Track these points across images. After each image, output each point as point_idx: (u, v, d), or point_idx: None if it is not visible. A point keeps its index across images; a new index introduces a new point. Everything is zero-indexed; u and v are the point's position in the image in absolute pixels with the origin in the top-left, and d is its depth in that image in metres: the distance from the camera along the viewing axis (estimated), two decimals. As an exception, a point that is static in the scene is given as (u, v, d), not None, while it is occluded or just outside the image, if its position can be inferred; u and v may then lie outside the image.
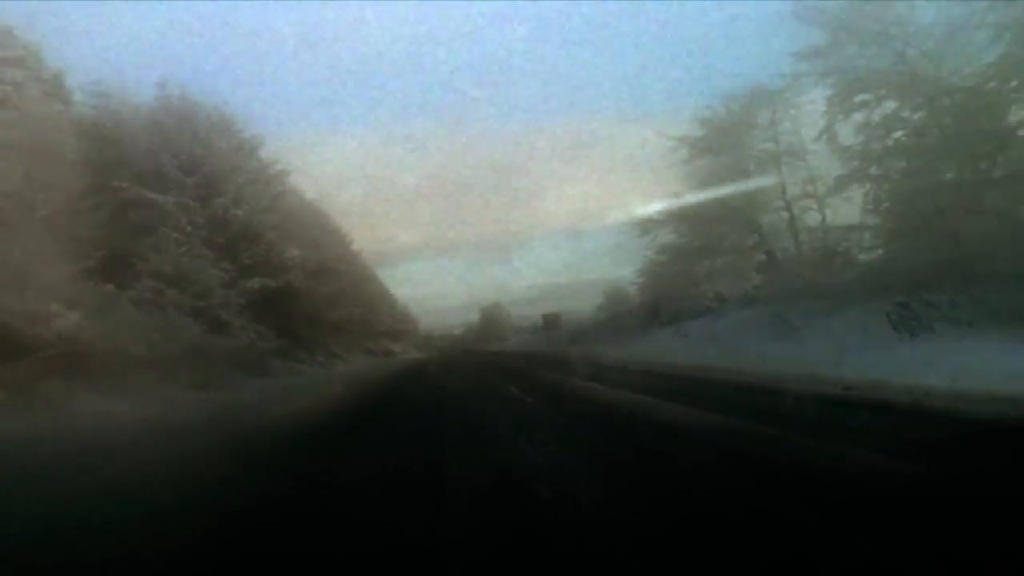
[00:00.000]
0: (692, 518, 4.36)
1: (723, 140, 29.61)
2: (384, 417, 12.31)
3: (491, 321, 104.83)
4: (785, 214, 29.42)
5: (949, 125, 15.66)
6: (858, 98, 19.62)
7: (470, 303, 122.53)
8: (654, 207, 31.70)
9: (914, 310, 12.25)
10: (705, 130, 29.92)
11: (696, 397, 10.33)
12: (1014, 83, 14.11)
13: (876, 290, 15.89)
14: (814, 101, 23.82)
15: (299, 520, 4.86)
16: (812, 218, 28.50)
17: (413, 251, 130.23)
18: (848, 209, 22.84)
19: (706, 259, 30.78)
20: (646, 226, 31.96)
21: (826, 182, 24.78)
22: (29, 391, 10.88)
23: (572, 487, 5.37)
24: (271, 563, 4.08)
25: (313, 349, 33.91)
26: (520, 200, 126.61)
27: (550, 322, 55.07)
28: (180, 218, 26.91)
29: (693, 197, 30.23)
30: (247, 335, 24.86)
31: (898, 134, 18.82)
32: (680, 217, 31.09)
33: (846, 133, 20.84)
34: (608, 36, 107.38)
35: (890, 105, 18.92)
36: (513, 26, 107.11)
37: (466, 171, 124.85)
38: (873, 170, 19.21)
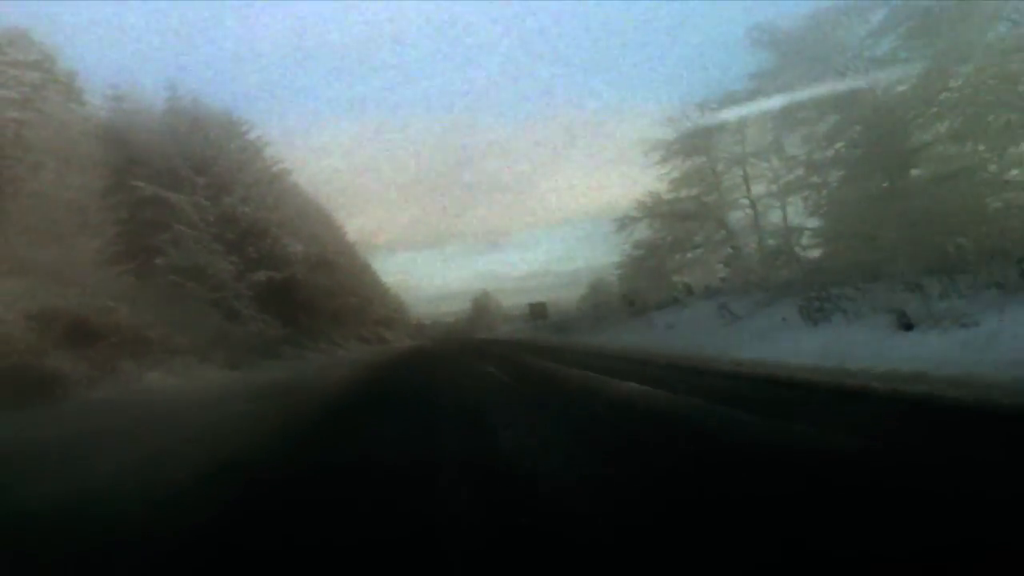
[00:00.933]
0: (568, 431, 7.12)
1: (695, 143, 31.92)
2: (389, 389, 15.54)
3: (482, 310, 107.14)
4: (750, 212, 31.94)
5: (872, 141, 18.18)
6: (801, 114, 22.15)
7: (462, 292, 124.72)
8: (632, 202, 34.11)
9: (820, 304, 14.83)
10: (678, 133, 32.26)
11: (622, 372, 13.21)
12: (914, 113, 16.66)
13: (808, 286, 18.45)
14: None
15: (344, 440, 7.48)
16: (777, 215, 31.11)
17: (405, 241, 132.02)
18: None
19: (678, 253, 33.32)
20: (623, 222, 34.42)
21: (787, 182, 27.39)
22: (109, 368, 13.43)
23: (510, 415, 8.30)
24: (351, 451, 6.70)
25: (315, 337, 36.37)
26: (512, 190, 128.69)
27: (536, 312, 57.39)
28: (193, 215, 29.29)
29: (667, 195, 32.89)
30: (256, 324, 27.31)
31: (839, 146, 21.35)
32: (654, 213, 33.52)
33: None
34: (602, 32, 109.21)
35: (830, 120, 21.43)
36: (508, 22, 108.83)
37: (458, 162, 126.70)
38: (814, 179, 21.76)
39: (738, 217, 32.28)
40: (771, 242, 27.50)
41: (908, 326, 11.31)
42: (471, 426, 8.43)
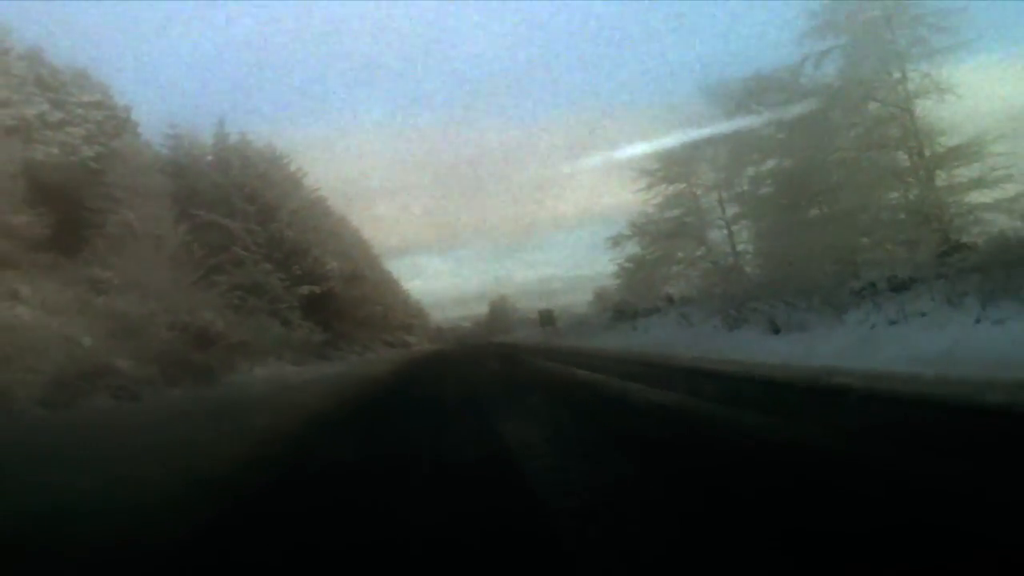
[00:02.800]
0: (530, 401, 12.15)
1: (676, 171, 36.85)
2: (421, 373, 21.36)
3: (498, 314, 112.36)
4: (725, 231, 36.82)
5: (789, 184, 23.08)
6: (751, 156, 27.11)
7: (479, 296, 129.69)
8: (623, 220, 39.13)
9: (736, 315, 19.81)
10: (660, 163, 37.19)
11: (584, 364, 18.27)
12: (814, 165, 21.54)
13: (747, 299, 23.40)
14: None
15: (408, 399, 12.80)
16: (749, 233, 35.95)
17: (424, 246, 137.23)
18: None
19: (663, 267, 38.33)
20: (616, 239, 39.54)
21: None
22: (227, 364, 18.74)
23: (491, 385, 13.41)
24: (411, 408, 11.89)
25: (348, 341, 41.71)
26: (530, 195, 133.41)
27: (545, 317, 62.14)
28: (247, 239, 34.63)
29: (654, 216, 37.95)
30: (303, 331, 32.63)
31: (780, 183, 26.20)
32: (643, 232, 38.57)
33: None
34: (616, 34, 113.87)
35: (770, 163, 26.33)
36: (518, 26, 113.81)
37: (476, 167, 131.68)
38: (760, 210, 26.71)
39: (715, 235, 37.30)
40: (733, 260, 32.42)
41: (776, 331, 16.30)
42: (471, 392, 13.64)
